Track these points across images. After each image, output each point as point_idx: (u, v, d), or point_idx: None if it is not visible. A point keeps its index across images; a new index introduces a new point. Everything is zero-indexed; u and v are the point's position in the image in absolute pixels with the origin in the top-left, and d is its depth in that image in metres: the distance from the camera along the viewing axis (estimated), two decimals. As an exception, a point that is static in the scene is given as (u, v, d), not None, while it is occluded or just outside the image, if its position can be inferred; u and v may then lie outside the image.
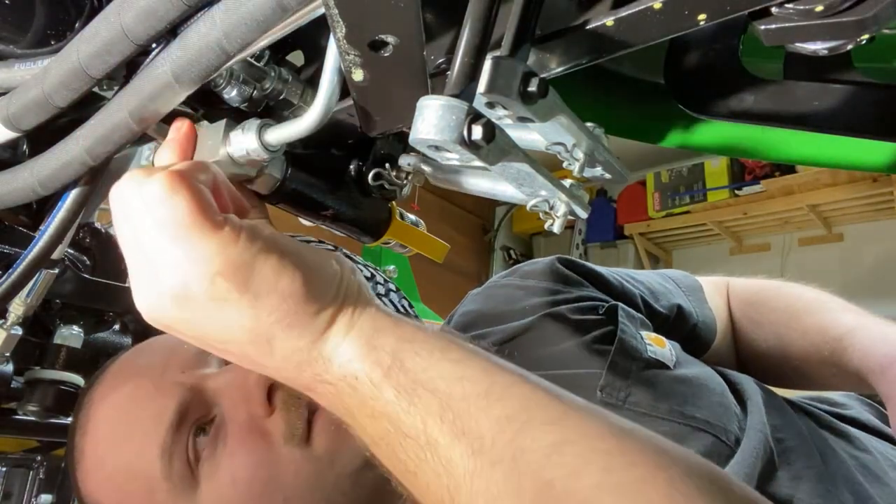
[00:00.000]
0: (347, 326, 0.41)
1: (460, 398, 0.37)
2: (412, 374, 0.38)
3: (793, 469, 0.60)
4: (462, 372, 0.38)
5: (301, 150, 0.53)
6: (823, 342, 0.73)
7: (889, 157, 0.62)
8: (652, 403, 0.61)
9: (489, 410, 0.36)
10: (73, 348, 0.86)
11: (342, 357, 0.40)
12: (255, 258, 0.39)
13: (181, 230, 0.39)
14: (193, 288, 0.39)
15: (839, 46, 0.34)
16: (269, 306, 0.39)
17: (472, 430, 0.36)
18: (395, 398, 0.38)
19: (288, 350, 0.41)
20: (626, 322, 0.67)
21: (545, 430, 0.36)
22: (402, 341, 0.40)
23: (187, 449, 0.57)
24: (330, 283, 0.42)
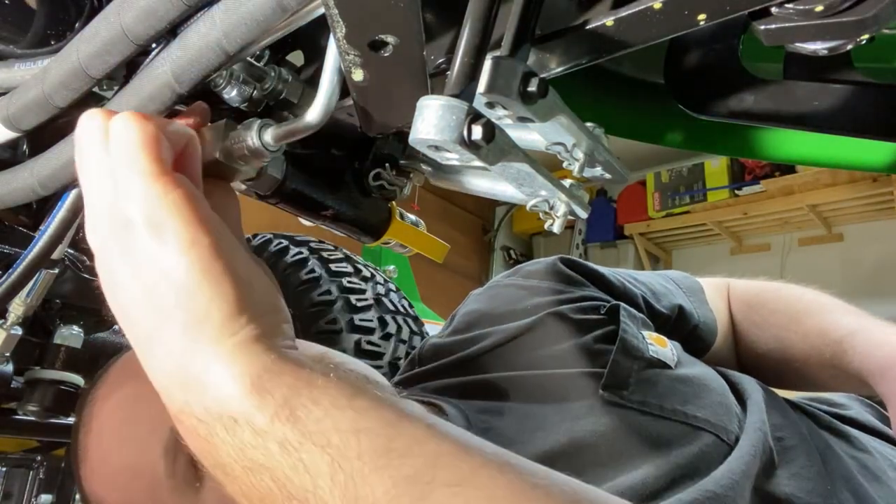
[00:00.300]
0: (236, 354, 0.35)
1: (356, 456, 0.33)
2: (302, 424, 0.33)
3: (792, 468, 0.60)
4: (363, 424, 0.34)
5: (301, 150, 0.53)
6: (824, 344, 0.73)
7: (889, 157, 0.62)
8: (653, 403, 0.61)
9: (387, 470, 0.32)
10: (73, 348, 0.86)
11: (220, 390, 0.34)
12: (174, 219, 0.36)
13: (123, 166, 0.37)
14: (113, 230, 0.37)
15: (839, 46, 0.34)
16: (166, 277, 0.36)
17: (367, 496, 0.32)
18: (280, 452, 0.33)
19: (166, 347, 0.36)
20: (628, 322, 0.67)
21: (449, 494, 0.32)
22: (299, 387, 0.35)
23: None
24: (243, 296, 0.37)
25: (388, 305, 1.29)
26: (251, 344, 0.36)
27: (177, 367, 0.36)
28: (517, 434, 0.59)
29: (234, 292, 0.36)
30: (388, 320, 1.26)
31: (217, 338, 0.35)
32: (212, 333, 0.35)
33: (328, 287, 1.24)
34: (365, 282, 1.31)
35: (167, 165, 0.38)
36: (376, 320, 1.24)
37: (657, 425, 0.59)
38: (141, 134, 0.37)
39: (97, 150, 0.39)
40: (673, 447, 0.57)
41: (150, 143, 0.37)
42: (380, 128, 0.45)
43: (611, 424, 0.58)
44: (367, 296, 1.27)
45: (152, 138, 0.37)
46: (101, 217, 0.38)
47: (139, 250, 0.36)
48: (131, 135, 0.37)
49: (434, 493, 0.32)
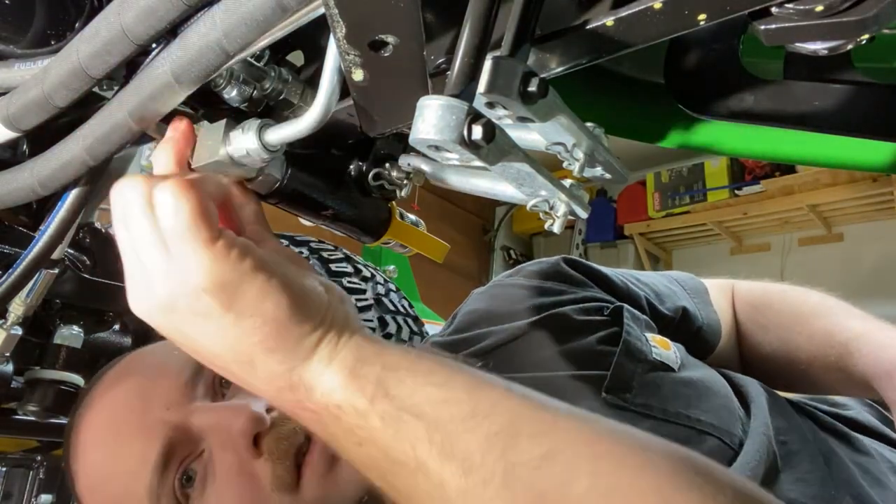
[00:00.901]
0: (330, 355, 0.41)
1: (447, 420, 0.37)
2: (397, 400, 0.38)
3: (796, 472, 0.60)
4: (447, 394, 0.38)
5: (301, 150, 0.53)
6: (829, 347, 0.73)
7: (889, 157, 0.62)
8: (657, 406, 0.60)
9: (477, 429, 0.37)
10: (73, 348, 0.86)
11: (324, 386, 0.40)
12: (242, 277, 0.39)
13: (177, 237, 0.39)
14: (179, 301, 0.40)
15: (839, 46, 0.34)
16: (250, 328, 0.39)
17: (461, 451, 0.36)
18: (382, 425, 0.38)
19: (269, 373, 0.41)
20: (631, 324, 0.67)
21: (533, 443, 0.36)
22: (387, 369, 0.40)
23: (174, 489, 0.57)
24: (316, 310, 0.41)
25: (388, 305, 1.29)
26: (335, 344, 0.41)
27: (283, 383, 0.41)
28: None
29: (312, 310, 0.41)
30: (388, 320, 1.25)
31: (311, 350, 0.41)
32: (306, 350, 0.40)
33: (328, 287, 1.24)
34: (365, 282, 1.30)
35: (217, 228, 0.40)
36: (376, 320, 1.24)
37: (660, 429, 0.59)
38: (191, 205, 0.39)
39: (144, 221, 0.40)
40: None
41: (202, 213, 0.39)
42: (380, 128, 0.45)
43: None
44: (368, 296, 1.27)
45: (203, 207, 0.39)
46: (155, 286, 0.40)
47: (217, 311, 0.39)
48: (180, 207, 0.39)
49: (521, 440, 0.36)
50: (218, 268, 0.39)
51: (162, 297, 0.40)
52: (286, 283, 0.40)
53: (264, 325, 0.39)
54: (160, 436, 0.57)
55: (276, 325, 0.40)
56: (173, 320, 0.41)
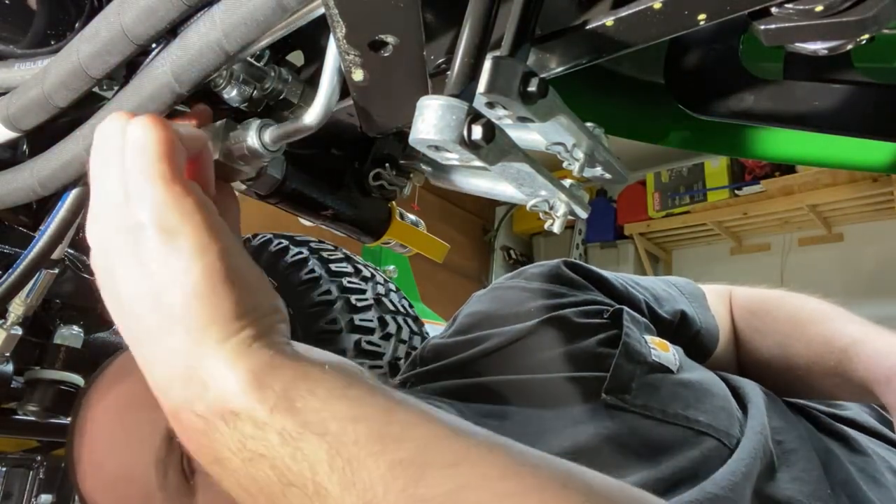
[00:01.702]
0: (238, 353, 0.37)
1: (352, 442, 0.34)
2: (301, 415, 0.35)
3: (792, 471, 0.60)
4: (357, 412, 0.35)
5: (301, 150, 0.53)
6: (828, 352, 0.73)
7: (889, 157, 0.62)
8: (656, 407, 0.61)
9: (383, 455, 0.34)
10: (73, 348, 0.86)
11: (222, 386, 0.36)
12: (186, 227, 0.37)
13: (137, 169, 0.37)
14: (121, 232, 0.38)
15: (839, 46, 0.34)
16: (172, 282, 0.37)
17: (364, 480, 0.33)
18: (280, 442, 0.35)
19: (167, 347, 0.37)
20: (631, 326, 0.67)
21: (443, 476, 0.33)
22: (297, 379, 0.36)
23: (182, 460, 0.56)
24: (244, 301, 0.38)
25: (388, 305, 1.29)
26: (252, 343, 0.37)
27: (179, 367, 0.37)
28: (519, 438, 0.59)
29: (238, 296, 0.38)
30: (388, 320, 1.26)
31: (221, 339, 0.37)
32: (216, 335, 0.37)
33: (328, 287, 1.24)
34: (365, 282, 1.31)
35: (181, 172, 0.38)
36: (376, 320, 1.24)
37: (659, 429, 0.59)
38: (157, 139, 0.38)
39: (112, 152, 0.39)
40: (675, 451, 0.57)
41: (166, 149, 0.38)
42: (380, 128, 0.45)
43: (613, 428, 0.58)
44: (367, 296, 1.27)
45: (169, 144, 0.38)
46: (107, 217, 0.39)
47: (149, 253, 0.37)
48: (148, 140, 0.38)
49: (429, 473, 0.33)
50: (166, 208, 0.37)
51: (107, 227, 0.39)
52: (227, 256, 0.38)
53: (186, 285, 0.36)
54: None
55: (197, 292, 0.37)
56: (109, 254, 0.39)
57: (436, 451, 0.35)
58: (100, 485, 0.60)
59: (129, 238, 0.38)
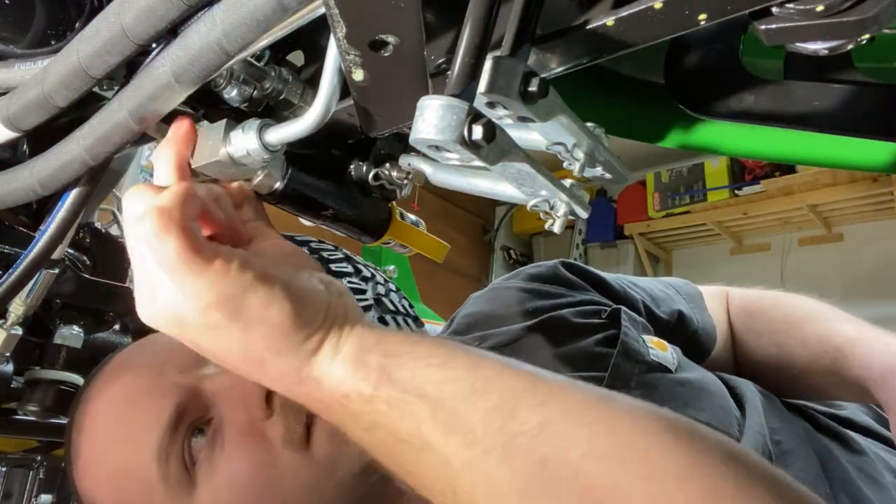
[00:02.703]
0: (334, 350, 0.42)
1: (449, 398, 0.39)
2: (400, 384, 0.40)
3: (790, 471, 0.60)
4: (447, 374, 0.40)
5: (301, 150, 0.53)
6: (824, 352, 0.73)
7: (889, 157, 0.62)
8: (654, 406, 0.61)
9: (477, 404, 0.38)
10: (73, 348, 0.86)
11: (331, 379, 0.42)
12: (244, 290, 0.40)
13: (173, 269, 0.40)
14: (187, 317, 0.41)
15: (839, 46, 0.34)
16: (258, 335, 0.41)
17: (464, 426, 0.38)
18: (387, 409, 0.40)
19: (278, 372, 0.43)
20: (629, 325, 0.67)
21: (532, 413, 0.38)
22: (388, 356, 0.42)
23: (183, 451, 0.57)
24: (318, 311, 0.43)
25: (388, 305, 1.29)
26: (338, 338, 0.43)
27: (292, 380, 0.43)
28: None
29: (309, 310, 0.42)
30: (388, 320, 1.25)
31: (316, 348, 0.42)
32: (311, 348, 0.42)
33: (328, 287, 1.24)
34: (365, 282, 1.30)
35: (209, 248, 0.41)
36: (376, 320, 1.23)
37: None
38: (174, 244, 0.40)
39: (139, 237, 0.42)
40: None
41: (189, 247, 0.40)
42: (380, 128, 0.45)
43: None
44: (368, 296, 1.27)
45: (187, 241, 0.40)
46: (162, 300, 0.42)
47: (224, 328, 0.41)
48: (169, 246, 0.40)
49: (520, 412, 0.38)
50: (219, 286, 0.40)
51: (169, 312, 0.42)
52: (286, 289, 0.42)
53: (270, 331, 0.41)
54: (173, 396, 0.58)
55: (281, 330, 0.41)
56: (185, 330, 0.43)
57: (521, 394, 0.39)
58: (100, 480, 0.60)
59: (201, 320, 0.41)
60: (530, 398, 0.39)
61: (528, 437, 0.37)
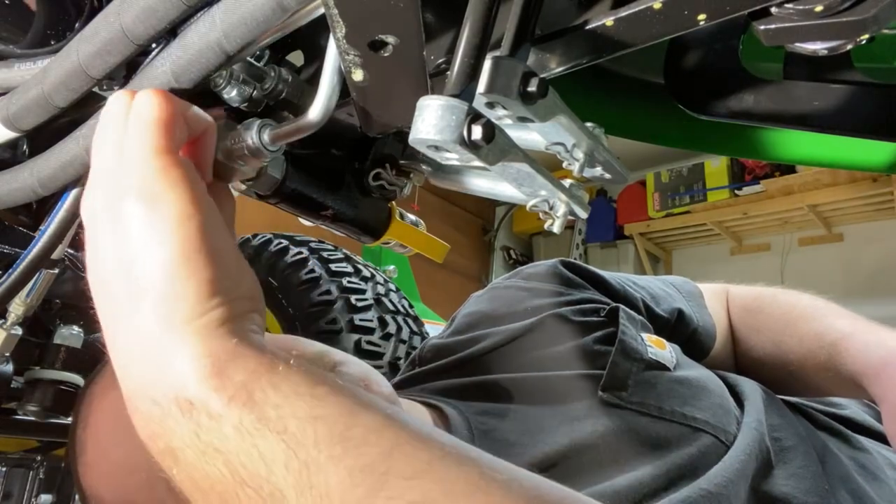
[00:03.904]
0: (203, 337, 0.35)
1: (311, 444, 0.32)
2: (259, 409, 0.33)
3: (790, 468, 0.60)
4: (319, 411, 0.33)
5: (301, 150, 0.53)
6: (819, 347, 0.73)
7: (889, 157, 0.62)
8: (652, 404, 0.61)
9: (342, 460, 0.32)
10: (73, 348, 0.86)
11: (179, 371, 0.34)
12: (170, 197, 0.36)
13: (132, 138, 0.37)
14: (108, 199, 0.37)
15: (839, 46, 0.34)
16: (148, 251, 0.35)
17: (321, 485, 0.31)
18: (235, 436, 0.33)
19: (135, 323, 0.36)
20: (627, 324, 0.68)
21: (405, 486, 0.31)
22: (259, 371, 0.34)
23: None
24: (220, 281, 0.36)
25: (388, 305, 1.29)
26: (219, 326, 0.35)
27: (140, 346, 0.36)
28: (518, 436, 0.59)
29: (212, 274, 0.36)
30: (388, 320, 1.26)
31: (187, 319, 0.35)
32: (183, 314, 0.35)
33: (328, 287, 1.24)
34: (365, 282, 1.31)
35: (175, 144, 0.38)
36: (376, 320, 1.24)
37: (656, 426, 0.59)
38: (157, 110, 0.38)
39: (114, 125, 0.39)
40: (672, 448, 0.57)
41: (164, 120, 0.38)
42: (380, 128, 0.45)
43: (610, 425, 0.59)
44: (367, 296, 1.27)
45: (168, 115, 0.38)
46: (98, 188, 0.39)
47: (129, 220, 0.36)
48: (148, 110, 0.38)
49: (389, 484, 0.31)
50: (150, 175, 0.36)
51: (97, 196, 0.38)
52: (207, 233, 0.36)
53: (162, 254, 0.35)
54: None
55: (171, 263, 0.35)
56: (94, 216, 0.38)
57: (400, 459, 0.32)
58: (103, 474, 0.60)
59: (113, 204, 0.37)
60: (408, 465, 0.32)
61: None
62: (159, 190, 0.36)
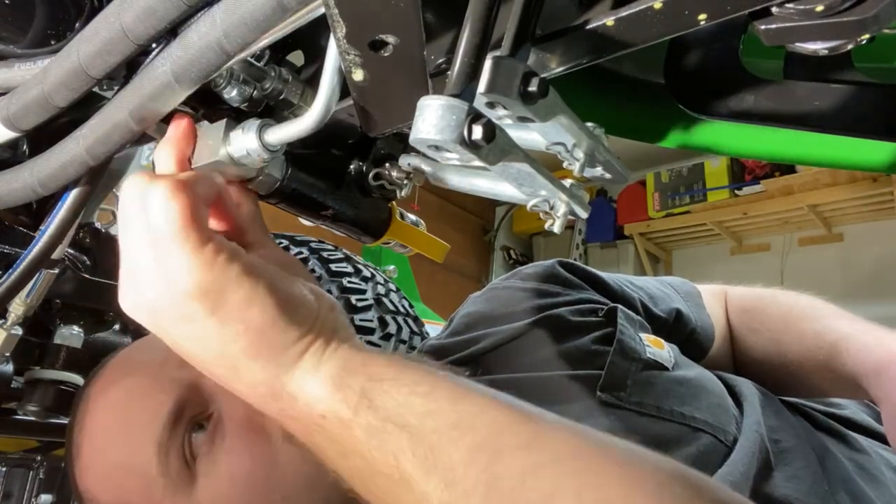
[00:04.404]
0: (315, 365, 0.40)
1: (430, 431, 0.37)
2: (381, 411, 0.38)
3: (789, 469, 0.60)
4: (431, 405, 0.38)
5: (301, 150, 0.53)
6: (818, 348, 0.73)
7: (889, 157, 0.62)
8: (651, 404, 0.61)
9: (460, 441, 0.36)
10: (73, 348, 0.86)
11: (308, 395, 0.40)
12: (227, 283, 0.39)
13: (165, 240, 0.39)
14: (165, 303, 0.40)
15: (839, 46, 0.34)
16: (234, 334, 0.39)
17: (444, 463, 0.36)
18: (366, 437, 0.38)
19: (252, 380, 0.41)
20: (625, 324, 0.67)
21: (517, 456, 0.35)
22: (372, 380, 0.40)
23: (183, 445, 0.57)
24: (303, 319, 0.41)
25: (388, 305, 1.29)
26: (325, 348, 0.41)
27: (267, 391, 0.41)
28: None
29: (294, 315, 0.41)
30: (388, 320, 1.25)
31: (296, 359, 0.40)
32: (291, 358, 0.40)
33: (328, 287, 1.24)
34: (365, 282, 1.30)
35: (206, 230, 0.40)
36: (376, 320, 1.24)
37: (655, 426, 0.59)
38: (179, 208, 0.39)
39: (137, 219, 0.41)
40: (671, 448, 0.57)
41: (189, 216, 0.39)
42: (380, 128, 0.45)
43: (608, 426, 0.58)
44: (368, 296, 1.27)
45: (191, 210, 0.39)
46: (147, 287, 0.40)
47: (202, 316, 0.39)
48: (169, 210, 0.39)
49: (504, 453, 0.35)
50: (203, 273, 0.38)
51: (149, 298, 0.40)
52: (273, 290, 0.40)
53: (248, 331, 0.39)
54: (173, 392, 0.57)
55: (259, 333, 0.40)
56: (159, 321, 0.41)
57: (508, 432, 0.37)
58: (100, 476, 0.60)
59: (178, 309, 0.40)
60: (517, 438, 0.36)
61: (512, 483, 0.34)
62: (219, 285, 0.39)
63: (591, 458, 0.36)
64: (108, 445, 0.60)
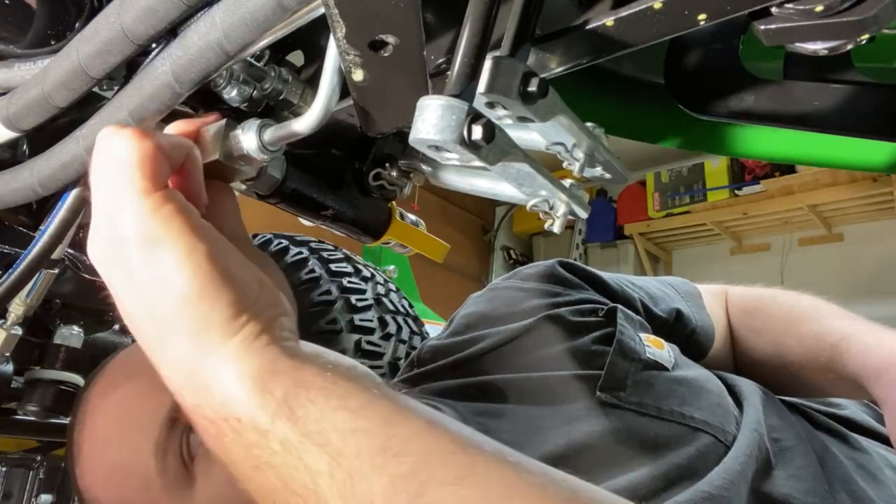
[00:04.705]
0: (238, 355, 0.36)
1: (353, 455, 0.34)
2: (302, 424, 0.34)
3: (789, 469, 0.60)
4: (358, 423, 0.34)
5: (301, 150, 0.53)
6: (820, 348, 0.73)
7: (889, 157, 0.62)
8: (651, 404, 0.61)
9: (384, 469, 0.33)
10: (73, 348, 0.86)
11: (225, 391, 0.36)
12: (165, 235, 0.37)
13: (117, 182, 0.38)
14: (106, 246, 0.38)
15: (839, 46, 0.34)
16: (158, 293, 0.37)
17: (363, 494, 0.33)
18: (282, 451, 0.34)
19: (173, 356, 0.38)
20: (625, 324, 0.67)
21: (444, 492, 0.32)
22: (298, 386, 0.35)
23: (181, 446, 0.57)
24: (237, 301, 0.37)
25: (388, 305, 1.29)
26: (253, 341, 0.37)
27: (186, 373, 0.37)
28: (516, 437, 0.59)
29: (233, 295, 0.37)
30: (388, 320, 1.25)
31: (220, 341, 0.36)
32: (216, 338, 0.36)
33: (328, 287, 1.24)
34: (365, 282, 1.30)
35: (160, 181, 0.38)
36: (376, 320, 1.24)
37: (654, 426, 0.59)
38: (136, 152, 0.38)
39: (102, 165, 0.39)
40: (671, 448, 0.57)
41: (144, 161, 0.38)
42: (380, 128, 0.45)
43: (608, 426, 0.58)
44: (368, 296, 1.27)
45: (147, 156, 0.38)
46: (98, 234, 0.39)
47: (135, 265, 0.37)
48: (127, 153, 0.38)
49: (430, 490, 0.32)
50: (143, 219, 0.37)
51: (97, 243, 0.39)
52: (212, 260, 0.37)
53: (173, 294, 0.36)
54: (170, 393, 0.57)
55: (185, 300, 0.36)
56: (104, 265, 0.39)
57: (438, 465, 0.33)
58: (100, 476, 0.61)
59: (116, 251, 0.38)
60: (447, 471, 0.33)
61: None
62: (155, 233, 0.37)
63: (524, 499, 0.33)
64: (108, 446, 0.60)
